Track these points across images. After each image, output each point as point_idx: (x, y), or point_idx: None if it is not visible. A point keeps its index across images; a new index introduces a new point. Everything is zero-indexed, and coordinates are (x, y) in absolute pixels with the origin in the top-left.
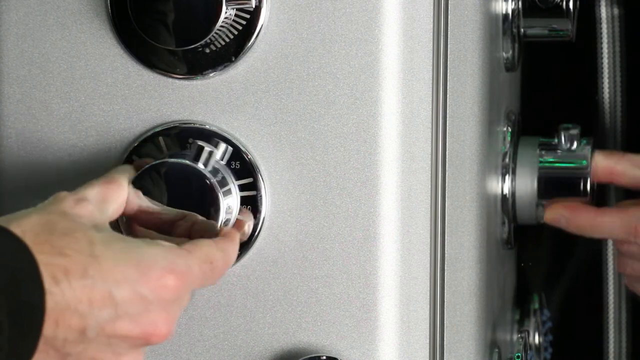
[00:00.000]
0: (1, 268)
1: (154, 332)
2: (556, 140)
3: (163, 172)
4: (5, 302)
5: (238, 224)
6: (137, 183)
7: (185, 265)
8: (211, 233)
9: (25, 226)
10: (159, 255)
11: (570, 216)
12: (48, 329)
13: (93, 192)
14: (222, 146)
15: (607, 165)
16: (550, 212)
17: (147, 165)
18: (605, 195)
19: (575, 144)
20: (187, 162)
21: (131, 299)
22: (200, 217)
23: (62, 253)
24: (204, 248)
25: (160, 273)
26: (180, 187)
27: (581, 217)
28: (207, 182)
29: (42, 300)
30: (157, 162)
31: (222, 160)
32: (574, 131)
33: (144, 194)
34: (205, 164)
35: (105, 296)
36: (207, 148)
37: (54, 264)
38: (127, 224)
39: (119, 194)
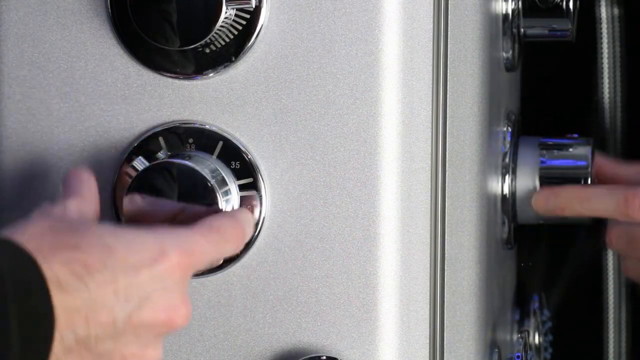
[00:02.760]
0: (7, 279)
1: (177, 316)
2: (557, 139)
3: (163, 173)
4: (15, 312)
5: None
6: (136, 183)
7: (189, 239)
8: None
9: (31, 232)
10: (163, 236)
11: (558, 193)
12: (80, 328)
13: (71, 201)
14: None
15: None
16: (538, 196)
17: (148, 165)
18: None
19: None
20: (187, 162)
21: (151, 284)
22: (198, 209)
23: (77, 248)
24: (206, 220)
25: (169, 253)
26: (180, 187)
27: (568, 192)
28: (207, 182)
29: (50, 308)
30: (158, 162)
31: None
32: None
33: (145, 193)
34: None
35: (127, 285)
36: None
37: (72, 260)
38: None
39: (93, 202)
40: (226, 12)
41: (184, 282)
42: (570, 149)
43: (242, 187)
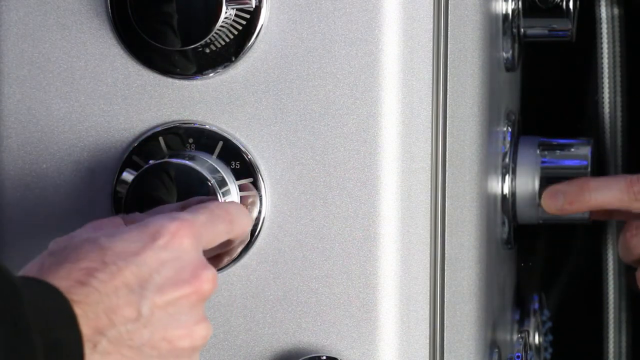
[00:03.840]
0: (39, 311)
1: (202, 279)
2: (557, 139)
3: (163, 172)
4: (41, 341)
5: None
6: (136, 183)
7: (187, 214)
8: None
9: (32, 267)
10: (157, 216)
11: (564, 189)
12: (107, 329)
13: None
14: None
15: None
16: (546, 196)
17: (148, 165)
18: None
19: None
20: (188, 162)
21: (158, 262)
22: (198, 199)
23: (76, 260)
24: (205, 203)
25: (168, 227)
26: (180, 187)
27: (574, 187)
28: (207, 182)
29: (78, 336)
30: (158, 162)
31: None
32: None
33: (144, 193)
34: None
35: (136, 274)
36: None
37: (73, 270)
38: None
39: None
40: (226, 12)
41: (194, 249)
42: (570, 149)
43: (242, 187)
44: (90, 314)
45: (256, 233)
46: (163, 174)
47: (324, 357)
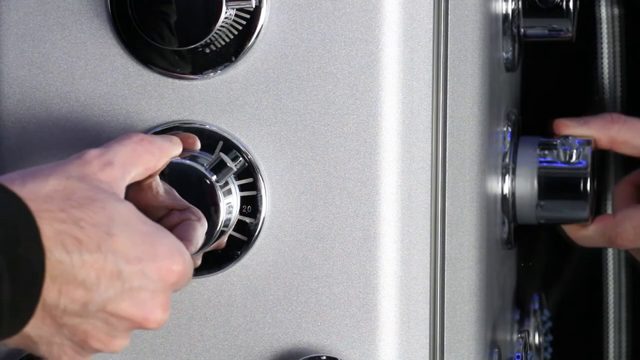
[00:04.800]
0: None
1: (154, 318)
2: (557, 139)
3: (163, 172)
4: (4, 257)
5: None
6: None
7: (189, 256)
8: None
9: (40, 191)
10: (172, 243)
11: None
12: (50, 295)
13: (123, 152)
14: (239, 160)
15: (608, 136)
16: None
17: None
18: (605, 194)
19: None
20: (188, 161)
21: (139, 281)
22: (194, 217)
23: (77, 224)
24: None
25: (175, 259)
26: (180, 186)
27: (567, 233)
28: (207, 182)
29: (42, 260)
30: None
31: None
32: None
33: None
34: (219, 178)
35: (114, 274)
36: (229, 164)
37: (68, 233)
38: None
39: (151, 159)
40: (226, 12)
41: (171, 290)
42: (570, 149)
43: (242, 187)
44: (48, 273)
45: (256, 233)
46: (163, 174)
47: (324, 357)
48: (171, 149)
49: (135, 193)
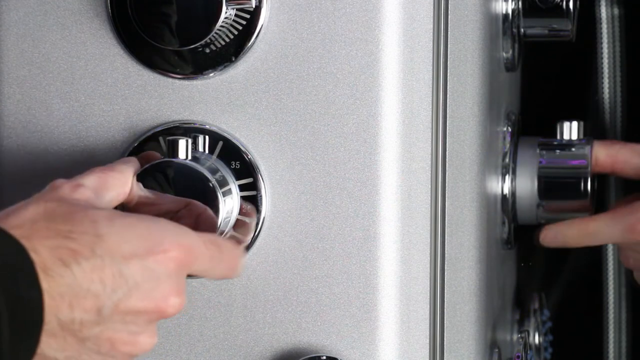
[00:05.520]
0: None
1: (168, 304)
2: (557, 139)
3: (163, 172)
4: (3, 296)
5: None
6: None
7: (190, 239)
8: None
9: (23, 218)
10: (165, 229)
11: (564, 231)
12: (63, 312)
13: (90, 178)
14: (200, 137)
15: (609, 154)
16: (545, 234)
17: (148, 165)
18: (605, 193)
19: (575, 136)
20: (188, 162)
21: (141, 274)
22: (202, 207)
23: (68, 237)
24: (210, 235)
25: (166, 246)
26: (180, 186)
27: (574, 230)
28: (208, 182)
29: (40, 295)
30: (158, 161)
31: (204, 150)
32: (574, 125)
33: None
34: (186, 156)
35: (115, 274)
36: (181, 140)
37: (61, 247)
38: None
39: (119, 182)
40: (226, 12)
41: (178, 275)
42: (571, 149)
43: (242, 187)
44: (56, 292)
45: (256, 233)
46: (163, 174)
47: (324, 357)
48: (130, 168)
49: (142, 203)
